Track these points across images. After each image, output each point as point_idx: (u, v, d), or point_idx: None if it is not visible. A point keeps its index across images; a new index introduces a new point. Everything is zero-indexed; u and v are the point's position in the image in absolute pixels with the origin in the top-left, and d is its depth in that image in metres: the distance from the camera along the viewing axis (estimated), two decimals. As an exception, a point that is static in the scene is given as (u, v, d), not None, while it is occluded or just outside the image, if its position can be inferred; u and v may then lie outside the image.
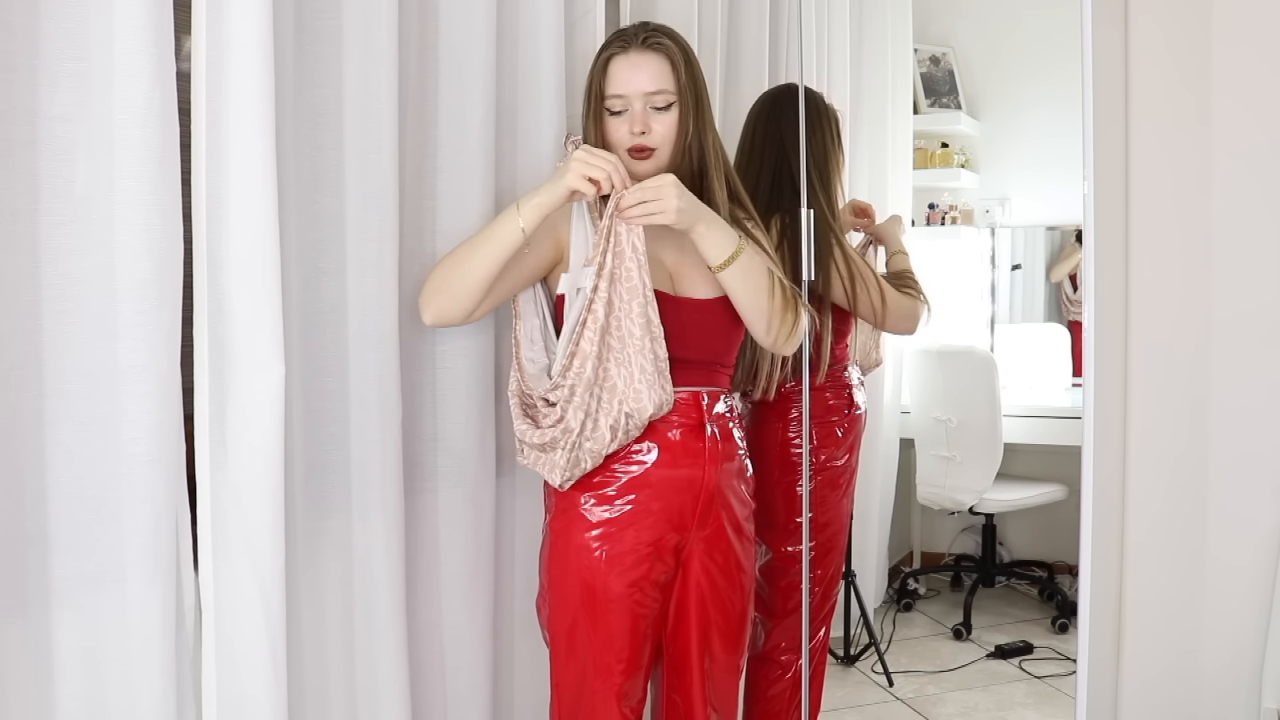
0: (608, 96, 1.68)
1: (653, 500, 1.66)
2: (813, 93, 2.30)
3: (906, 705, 3.05)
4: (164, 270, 1.23)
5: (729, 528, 1.73)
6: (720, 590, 1.74)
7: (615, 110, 1.68)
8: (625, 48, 1.67)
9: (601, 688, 1.67)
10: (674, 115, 1.68)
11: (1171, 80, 2.17)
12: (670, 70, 1.67)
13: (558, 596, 1.69)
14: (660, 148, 1.68)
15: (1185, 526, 2.19)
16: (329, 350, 1.52)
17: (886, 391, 3.70)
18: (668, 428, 1.66)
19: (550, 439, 1.60)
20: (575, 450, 1.60)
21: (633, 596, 1.66)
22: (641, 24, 1.72)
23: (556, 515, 1.69)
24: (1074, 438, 2.12)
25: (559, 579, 1.68)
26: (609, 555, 1.64)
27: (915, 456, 3.85)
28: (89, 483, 1.21)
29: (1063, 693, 3.09)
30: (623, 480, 1.65)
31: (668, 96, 1.67)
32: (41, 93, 1.16)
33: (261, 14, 1.28)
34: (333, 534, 1.54)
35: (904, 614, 3.84)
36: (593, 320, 1.57)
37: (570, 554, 1.66)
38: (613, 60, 1.68)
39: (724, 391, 1.75)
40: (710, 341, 1.72)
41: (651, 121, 1.66)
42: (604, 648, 1.66)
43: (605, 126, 1.69)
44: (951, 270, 4.22)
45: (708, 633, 1.75)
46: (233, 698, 1.33)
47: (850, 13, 3.42)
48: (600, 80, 1.68)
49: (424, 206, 1.69)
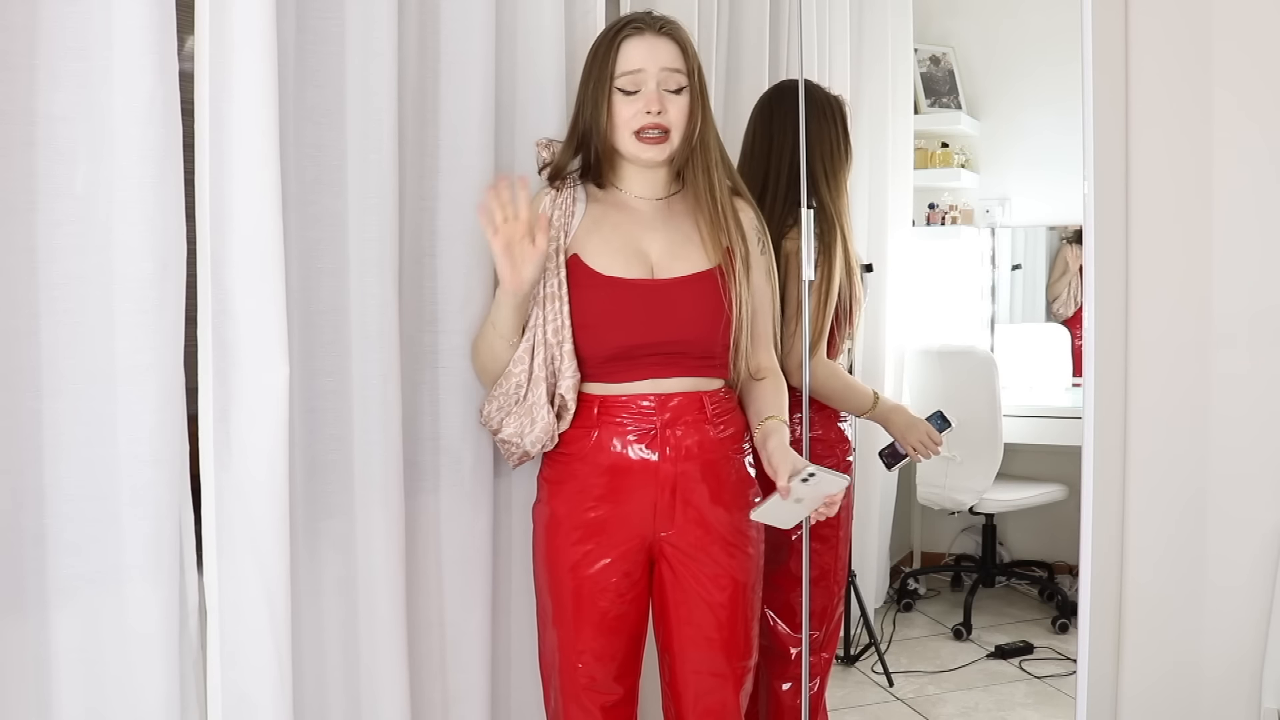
0: (619, 75, 1.66)
1: (619, 492, 1.68)
2: (817, 87, 2.27)
3: (906, 705, 3.05)
4: (166, 270, 1.23)
5: (700, 523, 1.70)
6: (694, 589, 1.72)
7: (628, 90, 1.66)
8: (641, 30, 1.67)
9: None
10: (686, 100, 1.68)
11: (1172, 80, 2.16)
12: (683, 55, 1.68)
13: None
14: (673, 131, 1.67)
15: (1185, 526, 2.18)
16: (330, 350, 1.52)
17: (887, 392, 3.70)
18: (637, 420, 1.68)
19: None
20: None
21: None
22: (647, 11, 1.73)
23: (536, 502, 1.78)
24: (1074, 438, 2.12)
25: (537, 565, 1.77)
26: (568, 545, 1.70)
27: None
28: (89, 483, 1.21)
29: (1063, 693, 3.09)
30: (590, 471, 1.69)
31: (681, 79, 1.67)
32: (41, 93, 1.16)
33: (263, 14, 1.28)
34: (334, 534, 1.54)
35: (904, 614, 3.85)
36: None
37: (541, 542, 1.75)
38: (627, 40, 1.67)
39: (706, 380, 1.73)
40: (687, 325, 1.70)
41: (666, 103, 1.66)
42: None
43: (614, 107, 1.67)
44: (951, 270, 4.22)
45: (685, 633, 1.73)
46: (237, 698, 1.33)
47: (850, 12, 3.42)
48: (611, 60, 1.66)
49: (424, 207, 1.69)
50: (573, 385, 1.66)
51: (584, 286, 1.66)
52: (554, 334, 1.65)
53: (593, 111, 1.68)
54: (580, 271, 1.67)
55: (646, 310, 1.66)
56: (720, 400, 1.73)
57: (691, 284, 1.69)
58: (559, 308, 1.65)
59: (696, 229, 1.73)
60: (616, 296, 1.66)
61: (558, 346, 1.65)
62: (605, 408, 1.68)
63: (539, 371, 1.65)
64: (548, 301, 1.65)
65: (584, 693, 1.71)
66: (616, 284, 1.66)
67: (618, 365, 1.67)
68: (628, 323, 1.66)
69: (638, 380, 1.67)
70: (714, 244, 1.70)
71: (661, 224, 1.72)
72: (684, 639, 1.73)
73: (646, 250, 1.70)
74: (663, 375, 1.68)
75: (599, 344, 1.66)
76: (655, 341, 1.66)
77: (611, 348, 1.66)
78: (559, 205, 1.70)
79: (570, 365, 1.65)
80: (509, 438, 1.69)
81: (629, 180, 1.74)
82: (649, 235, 1.70)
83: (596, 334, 1.66)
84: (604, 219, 1.71)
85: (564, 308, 1.65)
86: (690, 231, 1.73)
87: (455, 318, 1.73)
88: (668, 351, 1.67)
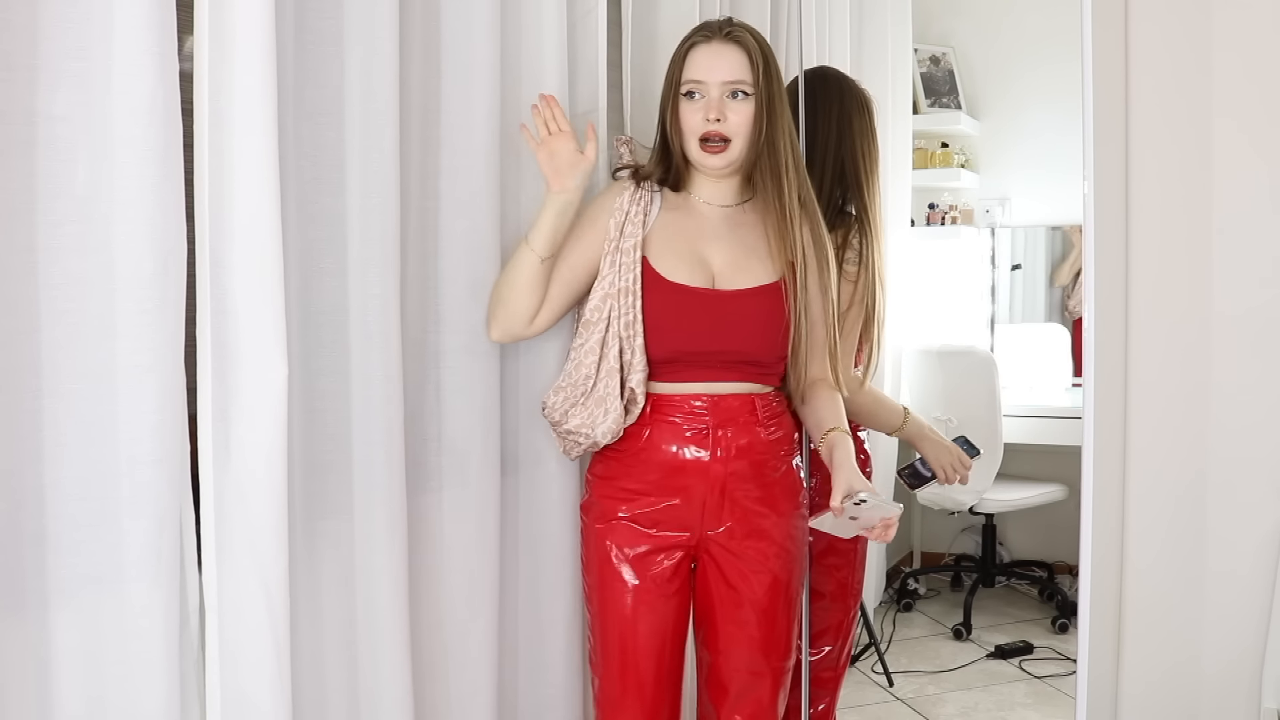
0: (684, 82, 1.69)
1: (670, 490, 1.71)
2: (844, 77, 2.16)
3: (906, 705, 3.05)
4: (166, 270, 1.23)
5: (746, 522, 1.74)
6: (740, 586, 1.75)
7: (693, 97, 1.69)
8: (708, 38, 1.69)
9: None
10: (750, 107, 1.68)
11: (1172, 80, 2.16)
12: (748, 63, 1.68)
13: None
14: (734, 140, 1.68)
15: (1185, 526, 2.18)
16: (331, 350, 1.52)
17: (886, 392, 3.70)
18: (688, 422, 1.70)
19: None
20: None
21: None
22: (726, 18, 1.75)
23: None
24: (1074, 438, 2.12)
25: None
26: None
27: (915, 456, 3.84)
28: (89, 483, 1.21)
29: (1063, 693, 3.09)
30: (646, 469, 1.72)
31: (745, 87, 1.67)
32: (41, 93, 1.15)
33: (263, 13, 1.28)
34: (335, 534, 1.54)
35: (904, 614, 3.84)
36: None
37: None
38: (694, 49, 1.70)
39: (759, 385, 1.75)
40: (746, 336, 1.72)
41: (727, 110, 1.67)
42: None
43: (680, 111, 1.70)
44: (951, 270, 4.22)
45: (728, 631, 1.76)
46: (236, 698, 1.33)
47: (850, 12, 3.42)
48: (679, 69, 1.70)
49: (426, 207, 1.69)
50: (642, 379, 1.69)
51: (648, 288, 1.70)
52: (626, 328, 1.68)
53: (669, 118, 1.72)
54: (647, 273, 1.70)
55: (706, 319, 1.70)
56: (771, 403, 1.77)
57: (752, 297, 1.71)
58: (632, 302, 1.68)
59: (764, 239, 1.74)
60: (677, 302, 1.69)
61: (629, 340, 1.68)
62: (658, 406, 1.72)
63: (612, 363, 1.68)
64: (622, 296, 1.68)
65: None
66: (678, 290, 1.69)
67: (673, 367, 1.71)
68: (686, 329, 1.69)
69: (692, 382, 1.71)
70: (780, 255, 1.72)
71: (728, 232, 1.74)
72: (728, 636, 1.76)
73: (709, 259, 1.72)
74: (717, 380, 1.71)
75: (658, 345, 1.70)
76: (712, 350, 1.70)
77: (669, 350, 1.70)
78: (637, 201, 1.72)
79: (641, 360, 1.69)
80: (575, 429, 1.71)
81: (699, 186, 1.77)
82: (714, 244, 1.73)
83: (656, 335, 1.69)
84: (673, 224, 1.74)
85: (637, 302, 1.68)
86: (756, 242, 1.74)
87: (459, 318, 1.73)
88: (724, 360, 1.71)
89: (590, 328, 1.70)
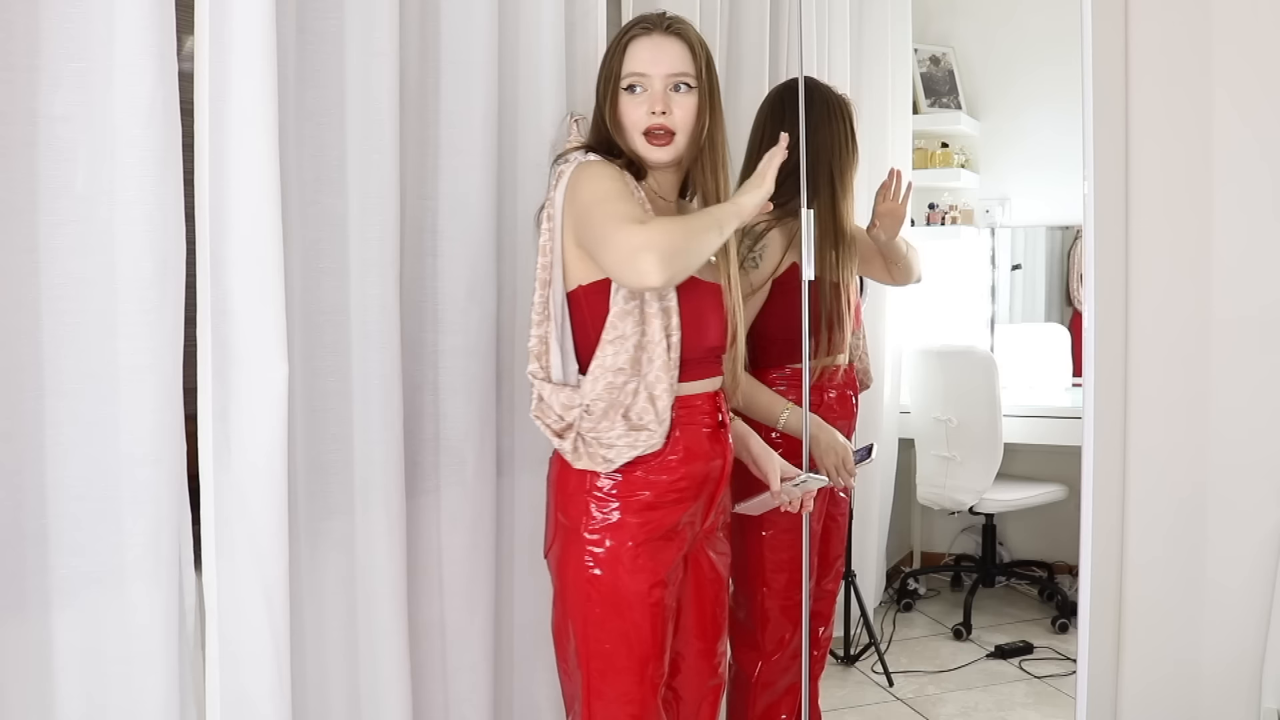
0: (625, 75, 1.64)
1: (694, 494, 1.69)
2: (822, 85, 2.24)
3: (906, 705, 3.05)
4: (166, 270, 1.23)
5: (721, 512, 1.76)
6: (708, 574, 1.77)
7: (634, 91, 1.64)
8: (649, 30, 1.65)
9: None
10: (693, 100, 1.65)
11: (1172, 80, 2.17)
12: (691, 55, 1.66)
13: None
14: (679, 133, 1.65)
15: (1185, 526, 2.19)
16: (330, 350, 1.52)
17: (886, 391, 3.70)
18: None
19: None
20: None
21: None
22: (660, 12, 1.71)
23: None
24: (1074, 438, 2.12)
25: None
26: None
27: (915, 456, 3.85)
28: (89, 483, 1.21)
29: (1063, 693, 3.09)
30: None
31: (688, 79, 1.65)
32: (42, 93, 1.16)
33: (263, 14, 1.28)
34: (334, 534, 1.54)
35: (904, 614, 3.84)
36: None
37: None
38: (634, 41, 1.65)
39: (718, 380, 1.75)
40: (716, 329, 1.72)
41: (671, 103, 1.64)
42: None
43: (620, 107, 1.65)
44: (951, 270, 4.22)
45: (701, 615, 1.76)
46: (235, 698, 1.33)
47: (850, 12, 3.42)
48: (619, 61, 1.65)
49: (425, 207, 1.69)
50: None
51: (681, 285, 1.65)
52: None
53: (607, 113, 1.67)
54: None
55: (715, 315, 1.69)
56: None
57: (718, 292, 1.71)
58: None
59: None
60: (698, 297, 1.66)
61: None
62: (679, 405, 1.66)
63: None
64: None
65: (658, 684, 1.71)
66: (697, 285, 1.66)
67: (688, 366, 1.66)
68: (709, 327, 1.68)
69: (695, 380, 1.68)
70: (723, 253, 1.70)
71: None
72: (701, 620, 1.77)
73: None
74: (713, 375, 1.71)
75: (689, 344, 1.67)
76: (715, 346, 1.69)
77: (691, 349, 1.66)
78: (637, 191, 1.66)
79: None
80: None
81: (654, 180, 1.73)
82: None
83: (686, 333, 1.65)
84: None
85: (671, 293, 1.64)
86: None
87: (457, 318, 1.73)
88: (718, 354, 1.71)
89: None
